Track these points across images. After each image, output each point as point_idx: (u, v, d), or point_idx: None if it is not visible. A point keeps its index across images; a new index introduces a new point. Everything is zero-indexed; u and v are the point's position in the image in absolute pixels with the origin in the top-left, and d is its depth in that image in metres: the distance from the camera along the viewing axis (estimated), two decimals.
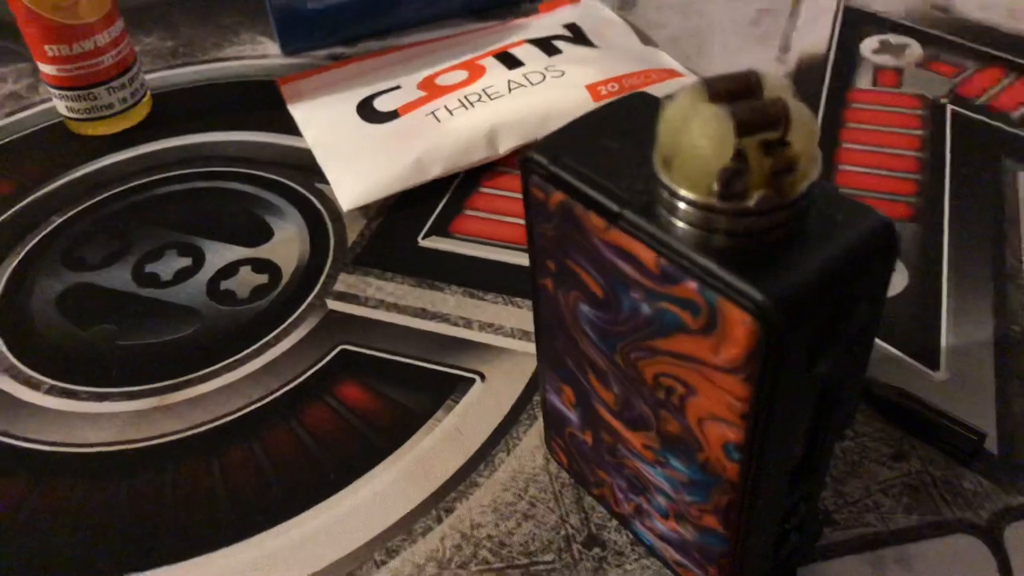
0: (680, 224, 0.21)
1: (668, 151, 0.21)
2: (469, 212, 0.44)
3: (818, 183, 0.21)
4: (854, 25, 0.55)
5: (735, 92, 0.20)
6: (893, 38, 0.54)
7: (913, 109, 0.48)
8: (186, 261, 0.43)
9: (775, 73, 0.20)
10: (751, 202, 0.20)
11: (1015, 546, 0.30)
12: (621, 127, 0.25)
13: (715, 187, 0.20)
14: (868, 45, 0.53)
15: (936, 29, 0.54)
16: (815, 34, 0.55)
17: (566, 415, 0.30)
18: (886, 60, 0.52)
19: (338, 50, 0.57)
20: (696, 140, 0.20)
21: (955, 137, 0.46)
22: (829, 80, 0.51)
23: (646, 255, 0.22)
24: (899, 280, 0.39)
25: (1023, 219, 0.41)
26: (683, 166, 0.20)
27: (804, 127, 0.20)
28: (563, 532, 0.31)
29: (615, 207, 0.22)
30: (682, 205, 0.21)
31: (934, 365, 0.35)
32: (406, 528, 0.32)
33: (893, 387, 0.34)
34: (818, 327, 0.21)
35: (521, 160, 0.25)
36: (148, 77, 0.55)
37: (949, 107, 0.48)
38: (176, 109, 0.53)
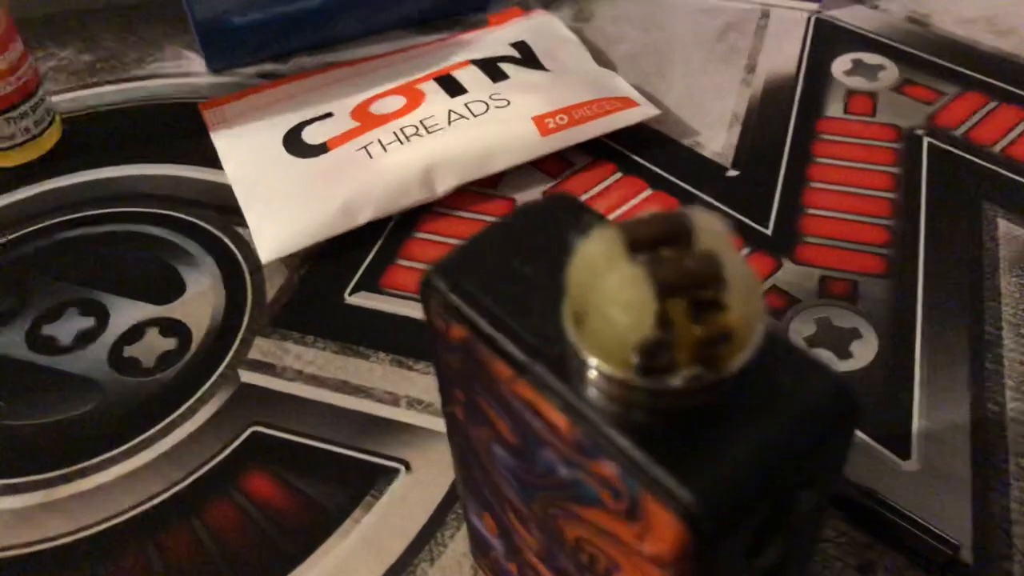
0: (596, 392, 0.17)
1: (579, 307, 0.17)
2: (402, 263, 0.40)
3: (766, 336, 0.17)
4: (826, 41, 0.51)
5: (659, 240, 0.16)
6: (867, 57, 0.50)
7: (887, 142, 0.45)
8: (88, 322, 0.39)
9: (708, 217, 0.16)
10: (677, 381, 0.16)
11: None
12: (537, 243, 0.21)
13: (633, 360, 0.16)
14: (840, 65, 0.49)
15: (913, 47, 0.50)
16: (784, 51, 0.51)
17: (490, 540, 0.26)
18: (859, 83, 0.48)
19: (268, 67, 0.52)
20: (609, 306, 0.16)
21: (932, 175, 0.43)
22: (798, 106, 0.47)
23: (558, 419, 0.18)
24: (868, 349, 0.35)
25: (1002, 276, 0.38)
26: (595, 331, 0.16)
27: (743, 285, 0.16)
28: None
29: (522, 357, 0.19)
30: (595, 375, 0.17)
31: (904, 453, 0.32)
32: None
33: (859, 486, 0.30)
34: (760, 521, 0.17)
35: (420, 282, 0.21)
36: (61, 97, 0.50)
37: (926, 139, 0.44)
38: (89, 136, 0.48)
